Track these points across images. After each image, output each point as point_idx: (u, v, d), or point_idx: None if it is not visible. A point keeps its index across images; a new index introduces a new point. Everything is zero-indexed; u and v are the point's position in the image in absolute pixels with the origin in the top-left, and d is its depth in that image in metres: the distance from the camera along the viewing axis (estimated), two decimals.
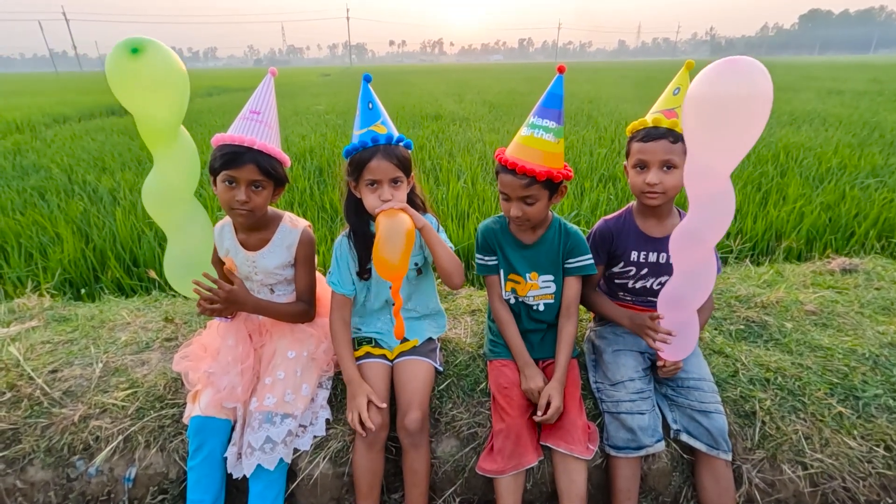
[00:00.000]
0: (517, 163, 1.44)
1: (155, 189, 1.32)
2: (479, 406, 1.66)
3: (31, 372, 1.74)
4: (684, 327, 1.47)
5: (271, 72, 1.55)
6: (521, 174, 1.44)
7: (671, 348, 1.51)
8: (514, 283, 1.66)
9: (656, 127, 1.47)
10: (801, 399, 1.62)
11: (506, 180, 1.48)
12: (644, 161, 1.50)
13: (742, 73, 1.08)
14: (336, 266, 1.64)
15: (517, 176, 1.45)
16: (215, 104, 13.15)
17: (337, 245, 1.65)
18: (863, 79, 18.26)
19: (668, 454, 1.56)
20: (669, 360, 1.54)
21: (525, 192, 1.47)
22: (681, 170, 1.47)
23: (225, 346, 1.63)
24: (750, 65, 1.08)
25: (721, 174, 1.20)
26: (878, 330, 1.94)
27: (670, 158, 1.46)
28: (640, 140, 1.50)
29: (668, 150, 1.45)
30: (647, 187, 1.49)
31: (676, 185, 1.49)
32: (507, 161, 1.47)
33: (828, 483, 1.48)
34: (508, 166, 1.46)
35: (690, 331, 1.48)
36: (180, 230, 1.41)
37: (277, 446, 1.45)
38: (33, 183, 4.77)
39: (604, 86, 17.68)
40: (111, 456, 1.53)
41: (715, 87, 1.10)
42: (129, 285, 2.92)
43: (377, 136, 1.48)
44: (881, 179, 4.36)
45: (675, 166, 1.47)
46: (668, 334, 1.47)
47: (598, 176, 4.73)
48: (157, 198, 1.34)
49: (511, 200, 1.51)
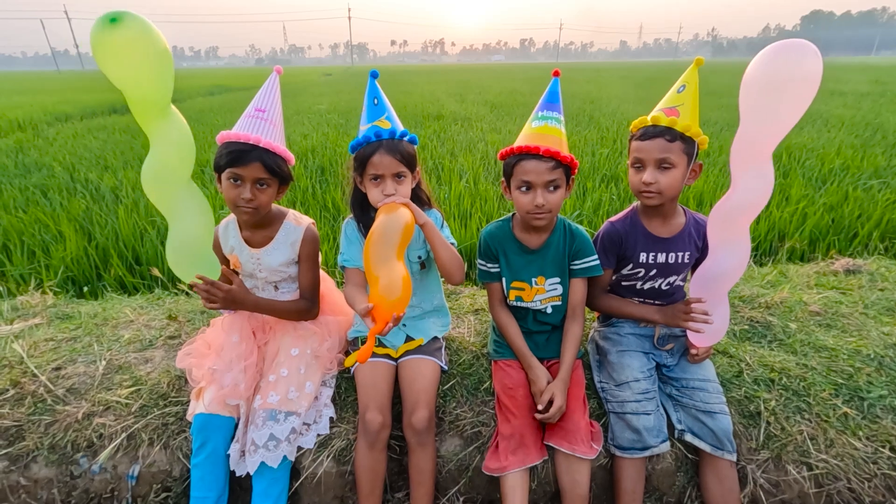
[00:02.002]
0: (540, 146, 1.42)
1: (152, 169, 1.34)
2: (483, 405, 1.66)
3: (34, 369, 1.74)
4: (717, 310, 1.47)
5: (277, 70, 1.55)
6: (547, 157, 1.43)
7: (704, 334, 1.50)
8: (518, 291, 1.64)
9: (654, 125, 1.46)
10: (805, 399, 1.62)
11: (529, 167, 1.45)
12: (640, 159, 1.49)
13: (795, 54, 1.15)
14: (347, 244, 1.66)
15: (543, 159, 1.43)
16: (217, 103, 13.16)
17: (345, 226, 1.68)
18: (865, 80, 18.24)
19: (673, 454, 1.56)
20: (702, 346, 1.54)
21: (550, 175, 1.45)
22: (678, 169, 1.46)
23: (229, 343, 1.63)
24: (803, 46, 1.15)
25: (766, 150, 1.25)
26: (882, 331, 1.93)
27: (666, 157, 1.44)
28: (637, 138, 1.49)
29: (663, 148, 1.44)
30: (644, 186, 1.48)
31: (672, 185, 1.47)
32: (529, 147, 1.44)
33: (833, 484, 1.47)
34: (532, 151, 1.43)
35: (722, 314, 1.48)
36: (180, 214, 1.41)
37: (281, 444, 1.44)
38: (35, 181, 4.77)
39: (606, 86, 17.68)
40: (115, 453, 1.53)
41: (770, 67, 1.17)
42: (131, 283, 2.92)
43: (381, 131, 1.49)
44: (884, 181, 4.36)
45: (673, 165, 1.45)
46: (705, 314, 1.46)
47: (601, 176, 4.73)
48: (155, 178, 1.35)
49: (533, 189, 1.47)
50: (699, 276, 1.46)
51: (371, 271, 1.32)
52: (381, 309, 1.28)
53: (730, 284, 1.44)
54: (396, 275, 1.30)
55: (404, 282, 1.30)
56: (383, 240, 1.35)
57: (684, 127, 1.43)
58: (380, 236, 1.35)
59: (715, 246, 1.42)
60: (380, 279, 1.30)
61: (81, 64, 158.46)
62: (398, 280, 1.29)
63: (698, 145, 1.48)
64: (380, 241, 1.35)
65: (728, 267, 1.40)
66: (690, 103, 1.44)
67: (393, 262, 1.32)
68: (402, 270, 1.32)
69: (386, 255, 1.33)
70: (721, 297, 1.46)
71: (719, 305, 1.47)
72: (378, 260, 1.32)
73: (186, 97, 15.87)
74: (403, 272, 1.32)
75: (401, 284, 1.29)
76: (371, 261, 1.33)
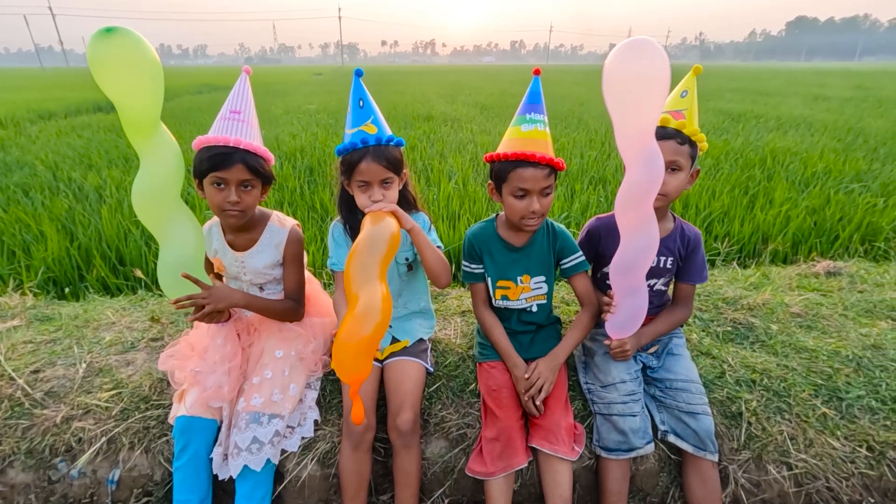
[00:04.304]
0: (535, 153, 1.42)
1: (143, 189, 1.34)
2: (469, 407, 1.66)
3: (11, 372, 1.71)
4: (630, 303, 1.49)
5: (245, 70, 1.55)
6: (543, 164, 1.44)
7: (614, 323, 1.53)
8: (504, 290, 1.65)
9: (664, 127, 1.47)
10: (786, 400, 1.64)
11: (526, 175, 1.44)
12: None
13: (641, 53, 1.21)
14: (335, 247, 1.66)
15: (539, 166, 1.44)
16: (205, 102, 13.02)
17: (332, 228, 1.68)
18: (848, 85, 18.61)
19: (656, 455, 1.57)
20: (613, 336, 1.56)
21: (546, 182, 1.46)
22: (684, 172, 1.49)
23: (213, 345, 1.61)
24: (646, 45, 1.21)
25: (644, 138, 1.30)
26: (861, 332, 1.97)
27: (676, 160, 1.47)
28: None
29: (675, 150, 1.47)
30: None
31: (678, 188, 1.51)
32: (525, 154, 1.43)
33: (812, 483, 1.50)
34: (529, 159, 1.43)
35: (637, 310, 1.50)
36: (171, 234, 1.41)
37: (265, 447, 1.43)
38: (17, 180, 4.69)
39: (595, 88, 17.80)
40: (94, 458, 1.51)
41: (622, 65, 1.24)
42: (114, 284, 2.88)
43: (367, 137, 1.47)
44: (865, 184, 4.44)
45: (680, 168, 1.49)
46: (610, 303, 1.50)
47: (589, 178, 4.76)
48: (145, 197, 1.35)
49: (529, 196, 1.47)
50: (613, 265, 1.48)
51: (351, 290, 1.26)
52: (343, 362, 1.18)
53: (640, 273, 1.45)
54: (376, 297, 1.23)
55: (384, 302, 1.22)
56: (368, 252, 1.31)
57: (692, 131, 1.47)
58: (364, 249, 1.32)
59: (622, 237, 1.44)
60: (359, 299, 1.22)
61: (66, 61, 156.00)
62: (377, 302, 1.22)
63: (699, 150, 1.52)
64: (364, 254, 1.30)
65: (634, 255, 1.43)
66: (692, 109, 1.49)
67: (374, 283, 1.26)
68: (382, 290, 1.25)
69: (369, 274, 1.27)
70: (633, 287, 1.48)
71: (631, 296, 1.49)
72: (360, 280, 1.26)
73: (174, 96, 15.69)
74: (383, 291, 1.25)
75: (380, 306, 1.21)
76: (353, 278, 1.27)
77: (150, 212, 1.39)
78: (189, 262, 1.45)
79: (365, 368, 1.20)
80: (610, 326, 1.55)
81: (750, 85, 18.74)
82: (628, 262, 1.44)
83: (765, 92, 15.43)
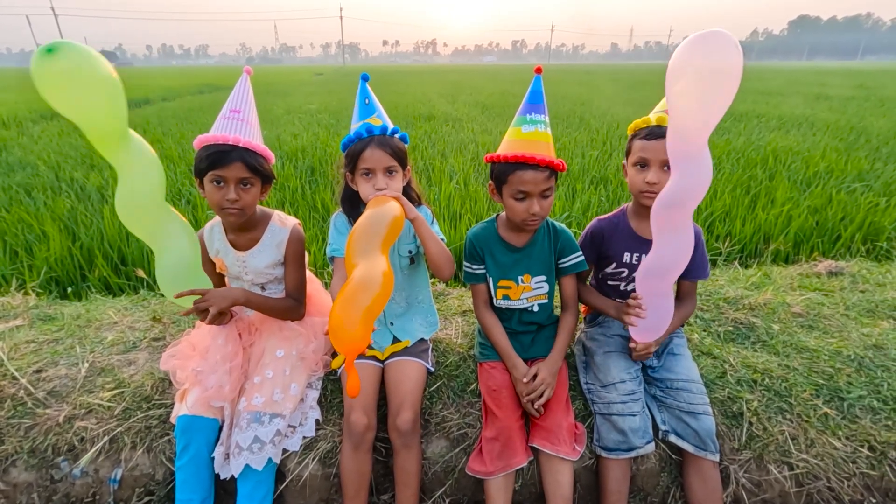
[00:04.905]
0: (535, 156, 1.42)
1: (125, 201, 1.32)
2: (470, 407, 1.66)
3: (14, 371, 1.71)
4: (658, 305, 1.47)
5: (246, 71, 1.56)
6: (543, 167, 1.43)
7: (642, 327, 1.51)
8: (505, 290, 1.65)
9: (660, 125, 1.47)
10: (787, 400, 1.64)
11: (527, 177, 1.44)
12: (645, 159, 1.49)
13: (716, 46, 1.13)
14: (337, 234, 1.66)
15: (539, 169, 1.43)
16: (206, 102, 13.04)
17: (335, 218, 1.69)
18: (850, 84, 18.55)
19: (657, 455, 1.57)
20: (640, 340, 1.54)
21: (546, 184, 1.46)
22: None
23: (214, 345, 1.62)
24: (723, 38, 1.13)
25: (699, 139, 1.21)
26: (862, 332, 1.97)
27: None
28: (642, 138, 1.50)
29: None
30: (647, 186, 1.49)
31: None
32: (525, 156, 1.42)
33: (813, 483, 1.50)
34: (529, 161, 1.42)
35: (663, 312, 1.47)
36: (163, 240, 1.41)
37: (266, 446, 1.44)
38: (19, 180, 4.70)
39: (596, 88, 17.80)
40: (96, 457, 1.51)
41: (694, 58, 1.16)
42: (116, 284, 2.89)
43: (372, 128, 1.52)
44: (867, 184, 4.43)
45: None
46: (639, 308, 1.46)
47: (590, 178, 4.76)
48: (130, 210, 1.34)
49: (529, 198, 1.47)
50: (643, 268, 1.45)
51: (351, 261, 1.23)
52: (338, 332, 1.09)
53: (671, 279, 1.43)
54: (377, 268, 1.18)
55: (385, 277, 1.16)
56: (370, 230, 1.29)
57: None
58: (366, 227, 1.30)
59: (656, 240, 1.41)
60: (357, 268, 1.19)
61: None
62: (377, 273, 1.16)
63: None
64: (366, 232, 1.29)
65: (669, 261, 1.39)
66: None
67: (375, 255, 1.24)
68: (383, 265, 1.20)
69: (370, 247, 1.25)
70: (662, 292, 1.45)
71: (660, 300, 1.46)
72: (360, 250, 1.24)
73: (175, 96, 15.72)
74: (385, 267, 1.20)
75: (380, 279, 1.15)
76: (353, 250, 1.25)
77: (138, 222, 1.37)
78: (185, 266, 1.45)
79: (362, 338, 1.10)
80: (637, 331, 1.52)
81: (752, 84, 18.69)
82: (665, 265, 1.40)
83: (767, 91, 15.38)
